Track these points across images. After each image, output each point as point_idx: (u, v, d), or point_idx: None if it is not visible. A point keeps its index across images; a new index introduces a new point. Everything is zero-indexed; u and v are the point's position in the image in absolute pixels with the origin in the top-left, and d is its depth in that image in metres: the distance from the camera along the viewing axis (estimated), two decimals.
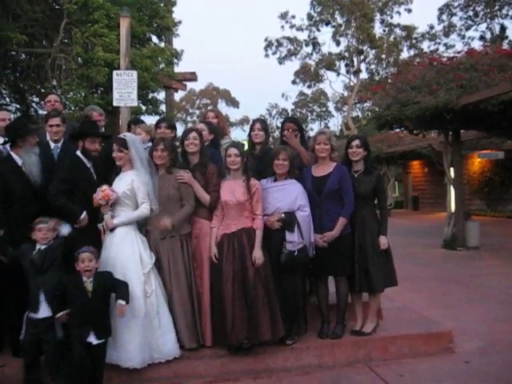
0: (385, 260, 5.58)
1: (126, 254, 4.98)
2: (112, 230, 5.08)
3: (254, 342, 5.14)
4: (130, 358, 4.81)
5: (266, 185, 5.44)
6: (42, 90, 13.58)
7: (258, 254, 5.16)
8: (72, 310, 4.54)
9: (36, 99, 15.31)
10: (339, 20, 36.76)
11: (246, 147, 5.94)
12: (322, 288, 5.66)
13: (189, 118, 51.57)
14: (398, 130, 18.70)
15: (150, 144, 5.78)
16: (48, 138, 5.69)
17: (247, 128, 7.03)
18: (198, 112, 51.15)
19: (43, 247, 4.73)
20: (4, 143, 5.40)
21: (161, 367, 5.05)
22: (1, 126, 5.66)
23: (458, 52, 15.23)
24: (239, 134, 51.40)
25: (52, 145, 5.66)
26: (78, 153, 5.28)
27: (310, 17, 37.53)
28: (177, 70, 14.91)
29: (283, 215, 5.28)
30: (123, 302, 4.58)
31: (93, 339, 4.52)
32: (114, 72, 7.44)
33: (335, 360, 5.41)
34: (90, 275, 4.57)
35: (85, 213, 5.09)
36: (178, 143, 5.82)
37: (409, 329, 5.90)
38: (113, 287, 4.66)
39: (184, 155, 5.53)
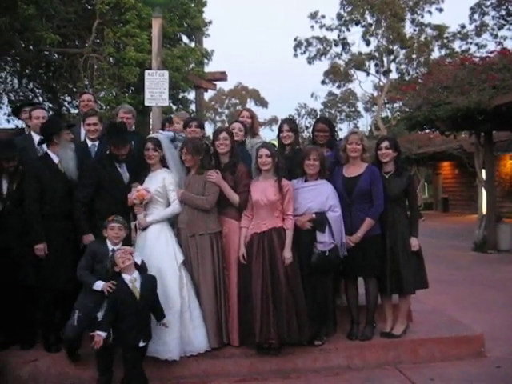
0: (416, 262, 5.53)
1: (161, 249, 5.08)
2: (144, 228, 5.17)
3: (282, 343, 5.14)
4: (168, 350, 4.88)
5: (297, 185, 5.44)
6: (74, 90, 13.78)
7: (287, 255, 5.16)
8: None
9: (68, 98, 15.53)
10: (369, 19, 36.48)
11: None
12: (352, 289, 5.64)
13: (218, 118, 51.79)
14: (428, 131, 18.47)
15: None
16: (84, 137, 5.79)
17: (275, 128, 7.02)
18: (226, 111, 51.34)
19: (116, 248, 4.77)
20: (40, 143, 5.49)
21: (190, 364, 5.10)
22: (37, 124, 5.76)
23: (491, 52, 14.96)
24: (268, 134, 51.31)
25: (89, 143, 5.77)
26: (108, 152, 5.34)
27: (339, 16, 37.32)
28: (207, 69, 15.01)
29: (314, 215, 5.28)
30: (164, 320, 4.68)
31: (140, 342, 4.54)
32: (146, 72, 7.49)
33: (365, 362, 5.39)
34: (131, 268, 4.56)
35: (91, 236, 5.15)
36: (208, 143, 5.85)
37: (439, 332, 5.83)
38: (156, 298, 4.68)
39: (215, 155, 5.56)
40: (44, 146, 5.44)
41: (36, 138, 5.76)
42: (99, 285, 4.56)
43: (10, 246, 5.11)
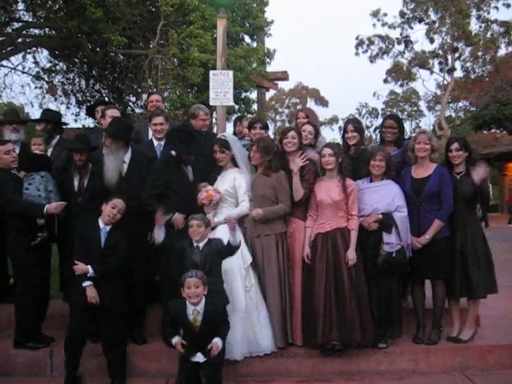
0: (486, 266, 5.37)
1: None
2: (213, 228, 5.25)
3: (345, 344, 5.10)
4: (230, 350, 4.90)
5: (362, 186, 5.38)
6: (139, 90, 14.05)
7: (351, 255, 5.12)
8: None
9: (133, 98, 15.87)
10: (433, 17, 35.62)
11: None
12: (419, 292, 5.52)
13: (278, 117, 51.78)
14: (494, 131, 17.91)
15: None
16: (151, 136, 5.91)
17: (336, 127, 6.94)
18: (287, 111, 51.25)
19: (201, 245, 4.86)
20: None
21: (254, 363, 5.13)
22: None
23: None
24: (328, 134, 51.00)
25: (155, 143, 5.89)
26: (173, 153, 5.38)
27: (402, 14, 36.61)
28: (269, 69, 15.02)
29: (381, 216, 5.22)
30: (220, 343, 4.50)
31: (200, 358, 4.50)
32: (211, 72, 7.58)
33: (430, 366, 5.28)
34: (197, 302, 4.48)
35: (176, 214, 5.19)
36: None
37: (509, 338, 5.64)
38: (221, 319, 4.59)
39: (282, 154, 5.54)
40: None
41: None
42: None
43: None
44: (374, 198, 5.27)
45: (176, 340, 4.54)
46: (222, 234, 5.13)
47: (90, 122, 15.14)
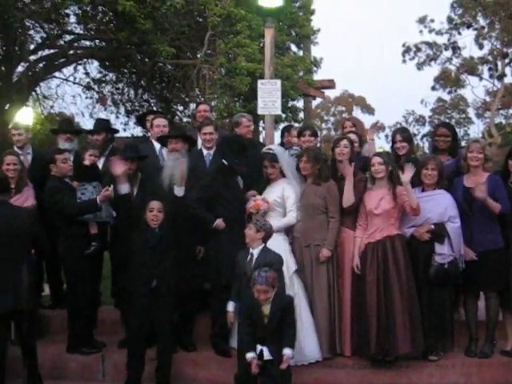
0: None
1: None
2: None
3: (393, 355, 5.02)
4: None
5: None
6: (187, 99, 14.24)
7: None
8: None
9: (181, 108, 16.08)
10: (482, 22, 34.97)
11: None
12: (471, 304, 5.39)
13: (323, 125, 51.58)
14: None
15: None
16: (200, 145, 5.98)
17: (382, 135, 6.89)
18: (332, 119, 50.99)
19: (255, 252, 4.89)
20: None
21: (303, 373, 5.09)
22: (157, 132, 6.02)
23: None
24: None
25: (204, 152, 5.95)
26: (225, 162, 5.43)
27: (450, 20, 36.02)
28: (315, 77, 14.98)
29: (433, 226, 5.14)
30: (290, 353, 4.48)
31: (266, 354, 4.51)
32: (259, 81, 7.63)
33: (483, 380, 5.14)
34: (266, 303, 4.50)
35: (219, 220, 5.27)
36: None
37: None
38: (289, 317, 4.58)
39: (333, 163, 5.54)
40: (164, 153, 5.70)
41: (157, 145, 6.03)
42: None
43: None
44: (426, 208, 5.16)
45: (251, 357, 4.45)
46: (269, 242, 5.12)
47: (138, 131, 15.41)
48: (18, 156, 5.69)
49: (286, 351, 4.46)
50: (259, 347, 4.50)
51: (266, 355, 4.50)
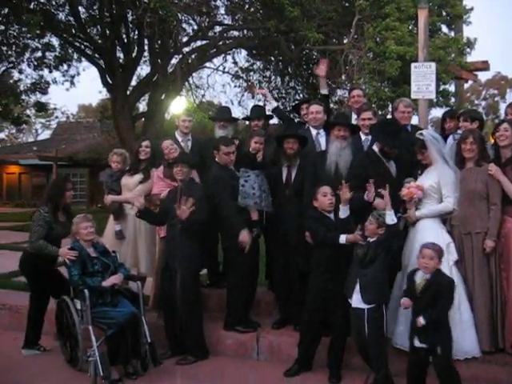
0: None
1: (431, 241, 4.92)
2: (414, 223, 5.13)
3: None
4: None
5: None
6: (333, 86, 14.18)
7: None
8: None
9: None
10: None
11: None
12: None
13: None
14: None
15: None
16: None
17: None
18: (483, 103, 48.18)
19: (371, 240, 4.78)
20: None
21: (460, 367, 4.86)
22: (312, 119, 6.09)
23: None
24: None
25: (363, 137, 5.90)
26: (375, 148, 5.35)
27: None
28: (468, 59, 14.23)
29: None
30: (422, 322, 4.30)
31: (416, 343, 4.41)
32: (412, 64, 7.39)
33: None
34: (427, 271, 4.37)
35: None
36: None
37: None
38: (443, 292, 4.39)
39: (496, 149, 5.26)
40: (321, 140, 5.78)
41: (313, 131, 6.08)
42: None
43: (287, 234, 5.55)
44: None
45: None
46: (423, 227, 5.03)
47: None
48: (177, 142, 6.20)
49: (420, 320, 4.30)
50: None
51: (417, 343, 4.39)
